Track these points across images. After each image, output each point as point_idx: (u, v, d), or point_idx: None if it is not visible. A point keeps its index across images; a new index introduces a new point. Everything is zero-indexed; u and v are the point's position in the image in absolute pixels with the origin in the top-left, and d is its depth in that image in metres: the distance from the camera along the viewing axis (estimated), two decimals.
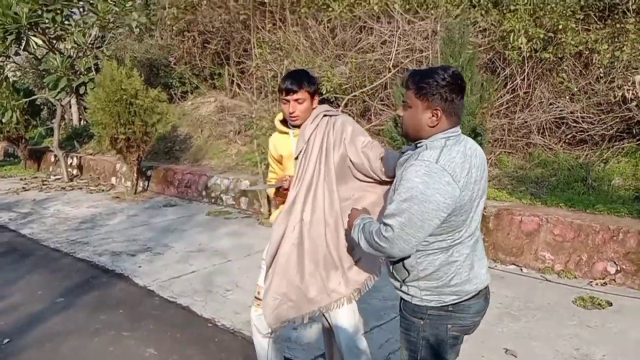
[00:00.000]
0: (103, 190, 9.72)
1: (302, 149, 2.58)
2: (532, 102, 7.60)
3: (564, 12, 7.29)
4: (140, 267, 5.40)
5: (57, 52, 9.52)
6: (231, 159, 9.47)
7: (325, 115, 2.63)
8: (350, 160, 2.53)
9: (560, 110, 7.35)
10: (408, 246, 1.80)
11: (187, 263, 5.51)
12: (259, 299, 2.75)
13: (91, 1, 9.41)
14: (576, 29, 7.41)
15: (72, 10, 9.60)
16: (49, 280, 5.08)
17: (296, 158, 2.60)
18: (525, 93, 7.69)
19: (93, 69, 9.58)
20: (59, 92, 9.47)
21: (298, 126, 2.64)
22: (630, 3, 7.36)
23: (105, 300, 4.54)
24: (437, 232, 1.81)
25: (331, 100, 9.07)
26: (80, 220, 7.39)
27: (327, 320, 2.76)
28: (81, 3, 9.67)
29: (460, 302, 1.90)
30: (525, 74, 7.60)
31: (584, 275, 4.83)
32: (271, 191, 2.82)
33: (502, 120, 7.56)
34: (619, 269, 4.72)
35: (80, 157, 11.63)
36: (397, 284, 1.98)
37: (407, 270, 1.90)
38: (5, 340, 3.78)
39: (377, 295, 4.53)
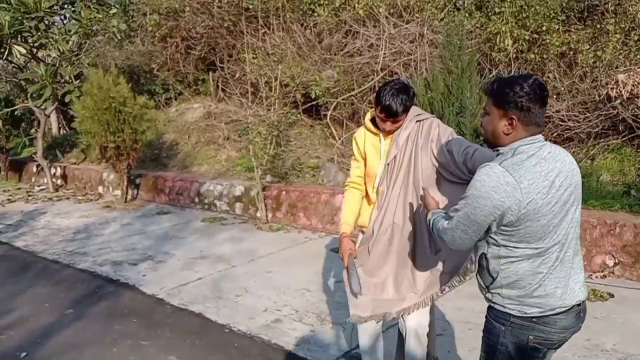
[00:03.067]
0: (91, 200, 9.60)
1: (395, 155, 2.63)
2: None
3: (547, 13, 7.51)
4: (144, 275, 5.38)
5: (39, 61, 9.36)
6: (221, 164, 9.45)
7: (417, 121, 2.66)
8: (437, 160, 2.58)
9: (546, 109, 7.54)
10: (463, 239, 1.92)
11: (191, 270, 5.50)
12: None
13: (73, 8, 9.29)
14: (559, 30, 7.64)
15: (54, 18, 9.46)
16: (54, 292, 5.02)
17: (388, 163, 2.65)
18: None
19: (73, 77, 9.45)
20: (44, 102, 9.32)
21: None
22: (609, 5, 7.62)
23: (116, 310, 4.51)
24: (517, 239, 1.81)
25: (319, 103, 9.15)
26: (73, 230, 7.29)
27: (402, 319, 2.82)
28: (63, 11, 9.54)
29: (545, 315, 1.86)
30: (512, 74, 7.78)
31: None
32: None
33: None
34: (617, 261, 4.89)
35: (65, 166, 11.44)
36: (483, 289, 2.00)
37: (491, 276, 1.91)
38: (23, 354, 3.73)
39: None
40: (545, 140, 1.88)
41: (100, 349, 3.78)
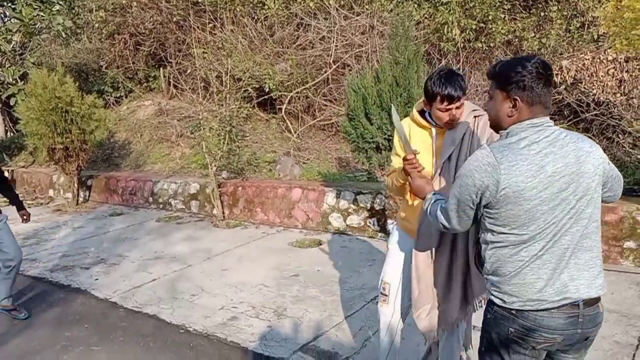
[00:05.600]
0: (42, 204, 9.29)
1: (451, 153, 2.47)
2: (469, 90, 7.94)
3: (492, 3, 7.65)
4: (97, 279, 5.24)
5: None
6: (175, 162, 9.30)
7: (474, 116, 2.50)
8: None
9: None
10: (455, 219, 1.92)
11: (145, 271, 5.40)
12: (385, 295, 2.74)
13: (14, 6, 8.93)
14: (504, 18, 7.81)
15: None
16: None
17: (444, 162, 2.49)
18: None
19: (18, 78, 9.12)
20: None
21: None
22: None
23: (67, 316, 4.38)
24: (501, 223, 1.77)
25: (274, 97, 9.10)
26: (23, 236, 7.04)
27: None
28: (2, 9, 9.17)
29: (524, 309, 1.79)
30: (461, 63, 7.92)
31: None
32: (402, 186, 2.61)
33: None
34: None
35: (12, 170, 11.03)
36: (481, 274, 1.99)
37: (482, 262, 1.91)
38: None
39: (344, 286, 4.65)
40: (580, 124, 1.83)
41: (49, 357, 3.67)
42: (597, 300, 1.83)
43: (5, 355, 3.74)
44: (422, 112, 2.59)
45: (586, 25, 7.56)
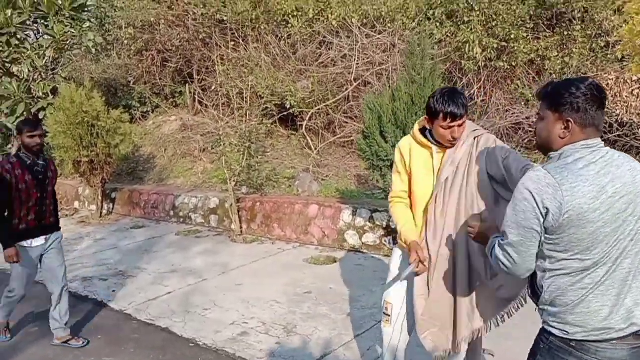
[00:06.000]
0: (67, 215, 9.51)
1: (449, 175, 2.49)
2: (490, 109, 7.89)
3: (515, 22, 7.62)
4: (114, 291, 5.34)
5: (12, 77, 9.31)
6: (197, 177, 9.43)
7: (474, 137, 2.52)
8: (494, 179, 2.43)
9: (517, 116, 7.64)
10: (519, 254, 1.77)
11: (161, 284, 5.47)
12: (388, 315, 2.74)
13: (46, 23, 9.25)
14: (527, 37, 7.77)
15: (27, 33, 9.41)
16: (21, 309, 4.91)
17: (443, 182, 2.51)
18: (482, 101, 7.99)
19: (49, 92, 9.41)
20: (17, 118, 9.25)
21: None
22: (575, 12, 7.76)
23: (82, 327, 4.46)
24: (562, 249, 1.70)
25: (295, 114, 9.19)
26: None
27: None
28: (35, 26, 9.49)
29: (587, 340, 1.69)
30: (482, 82, 7.89)
31: None
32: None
33: None
34: None
35: None
36: (536, 306, 1.89)
37: (538, 291, 1.82)
38: None
39: (356, 305, 4.63)
40: (517, 146, 1.80)
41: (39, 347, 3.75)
42: None
43: None
44: (422, 130, 2.59)
45: (611, 45, 7.46)
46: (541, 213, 1.67)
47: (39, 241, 4.00)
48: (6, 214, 3.85)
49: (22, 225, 3.87)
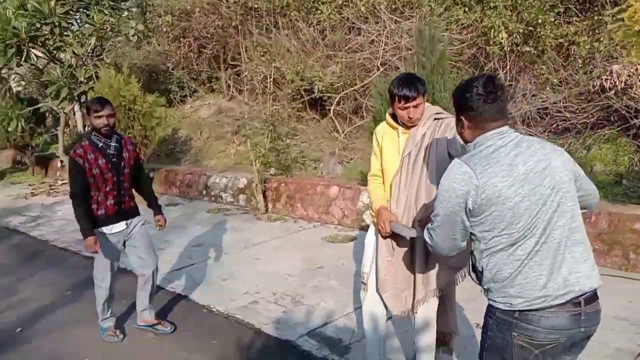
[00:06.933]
0: None
1: (410, 151, 2.71)
2: (516, 94, 7.87)
3: (542, 7, 7.56)
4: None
5: (57, 63, 9.88)
6: (230, 158, 9.79)
7: (435, 119, 2.73)
8: (449, 154, 2.61)
9: (543, 101, 7.61)
10: (445, 239, 1.98)
11: (187, 257, 5.83)
12: (364, 284, 3.00)
13: (87, 13, 9.75)
14: (555, 22, 7.68)
15: (70, 22, 9.94)
16: (58, 276, 5.43)
17: (404, 158, 2.73)
18: (508, 85, 7.97)
19: (94, 77, 9.96)
20: (61, 101, 9.84)
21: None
22: None
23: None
24: (489, 227, 1.85)
25: (324, 98, 9.39)
26: None
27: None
28: (78, 15, 10.01)
29: (530, 310, 1.82)
30: (508, 67, 7.87)
31: None
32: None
33: None
34: (592, 249, 4.99)
35: None
36: (479, 285, 2.03)
37: (479, 271, 1.95)
38: (18, 330, 4.12)
39: None
40: (544, 131, 2.01)
41: (86, 327, 4.13)
42: (596, 297, 1.89)
43: (49, 324, 4.30)
44: (394, 115, 2.81)
45: None
46: (462, 199, 1.86)
47: (119, 227, 3.80)
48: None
49: (100, 211, 3.68)
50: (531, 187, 1.82)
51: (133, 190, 3.97)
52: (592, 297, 1.87)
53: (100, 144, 3.64)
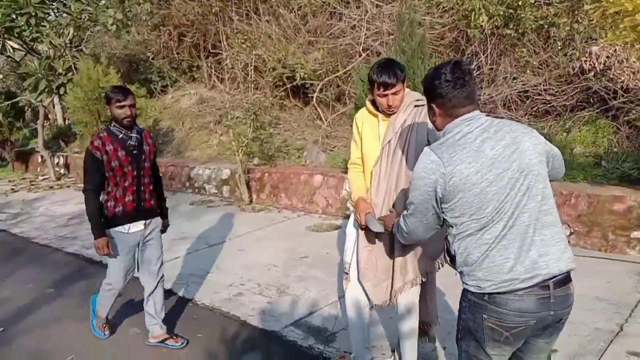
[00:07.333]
0: None
1: (390, 139, 2.69)
2: (497, 77, 7.88)
3: None
4: None
5: (34, 54, 9.69)
6: (212, 149, 9.72)
7: (415, 106, 2.68)
8: (429, 142, 2.55)
9: (524, 84, 7.63)
10: (418, 226, 2.05)
11: (170, 250, 5.77)
12: (347, 273, 2.99)
13: (64, 2, 9.56)
14: (535, 4, 7.68)
15: (47, 12, 9.74)
16: (39, 273, 5.37)
17: (384, 146, 2.71)
18: (489, 69, 7.97)
19: (73, 68, 9.79)
20: (39, 94, 9.67)
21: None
22: None
23: (94, 289, 4.73)
24: (459, 213, 1.87)
25: (306, 86, 9.33)
26: (68, 216, 7.64)
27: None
28: (54, 4, 9.81)
29: (497, 292, 1.84)
30: (489, 50, 7.87)
31: None
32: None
33: None
34: (572, 230, 5.05)
35: (67, 156, 11.83)
36: (454, 269, 2.04)
37: (452, 256, 1.98)
38: (0, 329, 4.08)
39: None
40: (525, 114, 1.99)
41: (69, 324, 4.11)
42: (567, 280, 1.88)
43: (32, 321, 4.24)
44: (374, 102, 2.77)
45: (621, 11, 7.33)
46: (431, 187, 1.89)
47: (137, 226, 3.53)
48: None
49: (118, 208, 3.42)
50: (499, 172, 1.82)
51: (151, 188, 3.63)
52: (563, 280, 1.86)
53: (121, 135, 3.39)
